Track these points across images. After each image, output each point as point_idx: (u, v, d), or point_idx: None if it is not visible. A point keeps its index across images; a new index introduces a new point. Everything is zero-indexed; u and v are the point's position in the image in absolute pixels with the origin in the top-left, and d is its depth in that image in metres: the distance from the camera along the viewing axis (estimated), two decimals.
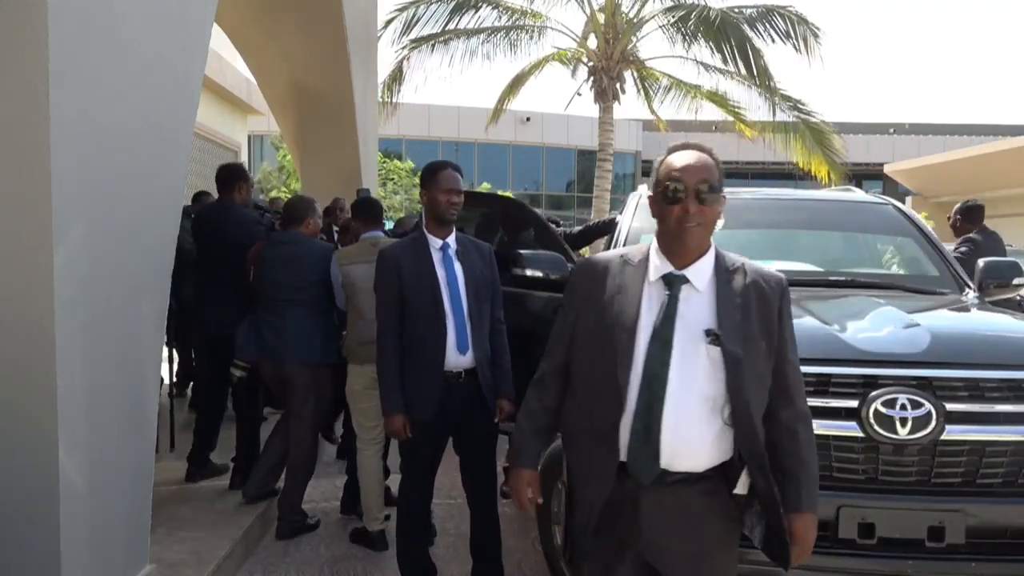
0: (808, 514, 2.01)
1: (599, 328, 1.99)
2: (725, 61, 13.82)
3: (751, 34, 13.90)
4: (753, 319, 1.94)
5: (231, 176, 4.90)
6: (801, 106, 14.85)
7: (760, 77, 13.60)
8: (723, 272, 1.97)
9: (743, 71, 13.77)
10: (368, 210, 4.45)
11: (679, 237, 1.94)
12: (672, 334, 1.91)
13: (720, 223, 2.00)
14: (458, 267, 3.35)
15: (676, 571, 1.99)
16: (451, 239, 3.39)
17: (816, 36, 13.94)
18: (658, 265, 1.98)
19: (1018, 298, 7.23)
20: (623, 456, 1.94)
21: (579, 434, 2.06)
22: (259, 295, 4.38)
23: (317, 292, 4.32)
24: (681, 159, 1.97)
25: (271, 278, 4.30)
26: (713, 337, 1.90)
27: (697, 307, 1.94)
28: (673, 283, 1.95)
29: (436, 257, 3.35)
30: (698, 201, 1.91)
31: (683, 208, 1.92)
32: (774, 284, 2.00)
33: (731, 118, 15.59)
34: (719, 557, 2.05)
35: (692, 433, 1.92)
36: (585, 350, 2.04)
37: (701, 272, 1.96)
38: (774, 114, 14.91)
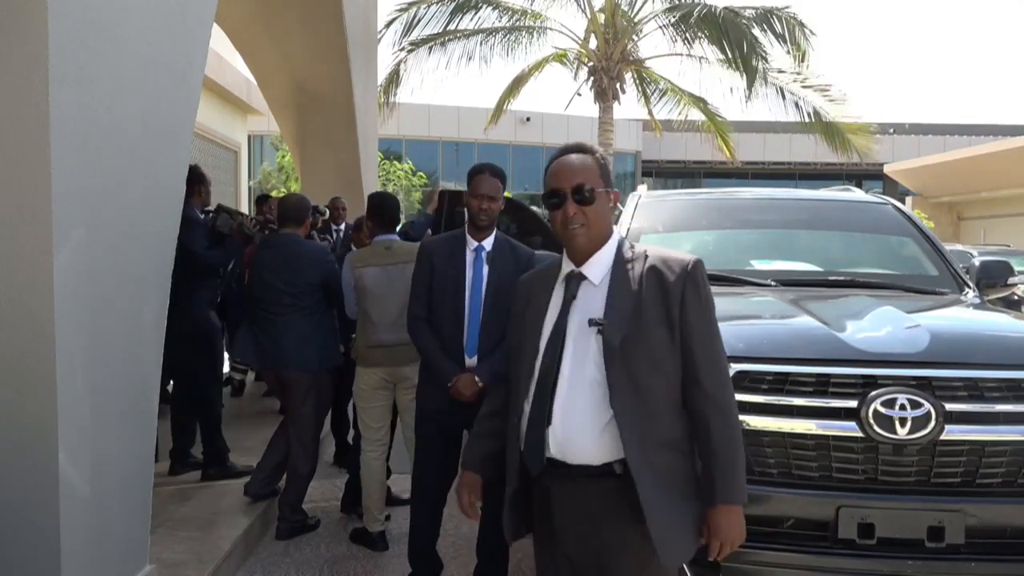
0: (721, 507, 1.96)
1: (519, 332, 2.15)
2: (728, 61, 13.83)
3: (756, 32, 13.94)
4: (649, 305, 1.96)
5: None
6: (820, 87, 14.82)
7: (750, 79, 13.60)
8: (622, 263, 2.03)
9: (741, 68, 13.77)
10: (381, 212, 4.23)
11: (566, 240, 2.06)
12: (566, 328, 2.02)
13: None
14: (485, 271, 3.36)
15: (584, 567, 2.05)
16: (487, 242, 3.40)
17: (808, 40, 14.04)
18: (565, 267, 2.10)
19: (1015, 297, 7.24)
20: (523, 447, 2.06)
21: (509, 431, 2.17)
22: (254, 299, 4.35)
23: (314, 295, 4.28)
24: (558, 166, 2.09)
25: (265, 281, 4.25)
26: (597, 326, 1.97)
27: (592, 300, 2.02)
28: (570, 282, 2.06)
29: (469, 258, 3.39)
30: (576, 203, 2.03)
31: (564, 213, 2.03)
32: (678, 269, 1.99)
33: (717, 126, 15.63)
34: (619, 562, 2.00)
35: (577, 422, 1.98)
36: (515, 355, 2.17)
37: (598, 267, 2.04)
38: (783, 99, 14.92)
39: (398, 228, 4.94)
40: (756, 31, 14.02)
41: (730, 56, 13.73)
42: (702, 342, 1.97)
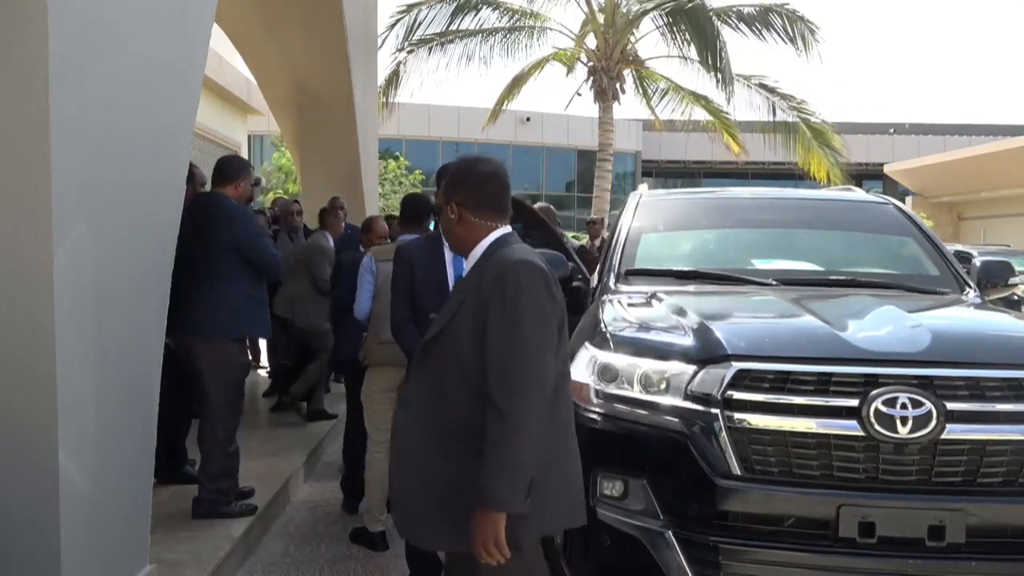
0: (477, 511, 1.98)
1: None
2: (703, 58, 13.76)
3: (745, 29, 13.91)
4: (469, 304, 2.08)
5: None
6: (799, 105, 14.89)
7: (723, 73, 13.51)
8: (479, 262, 2.18)
9: (710, 65, 13.67)
10: (408, 211, 4.20)
11: None
12: None
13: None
14: (464, 266, 3.38)
15: None
16: None
17: (813, 33, 13.99)
18: None
19: (1015, 297, 7.23)
20: None
21: None
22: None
23: (228, 258, 3.99)
24: None
25: (187, 245, 3.85)
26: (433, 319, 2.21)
27: None
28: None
29: (448, 256, 3.41)
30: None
31: None
32: (493, 275, 2.06)
33: (723, 122, 15.63)
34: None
35: None
36: None
37: (469, 264, 2.25)
38: (774, 113, 14.94)
39: None
40: (744, 27, 14.01)
41: (703, 50, 13.62)
42: (495, 345, 2.00)
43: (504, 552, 1.98)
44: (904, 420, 2.54)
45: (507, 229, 2.23)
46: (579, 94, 16.24)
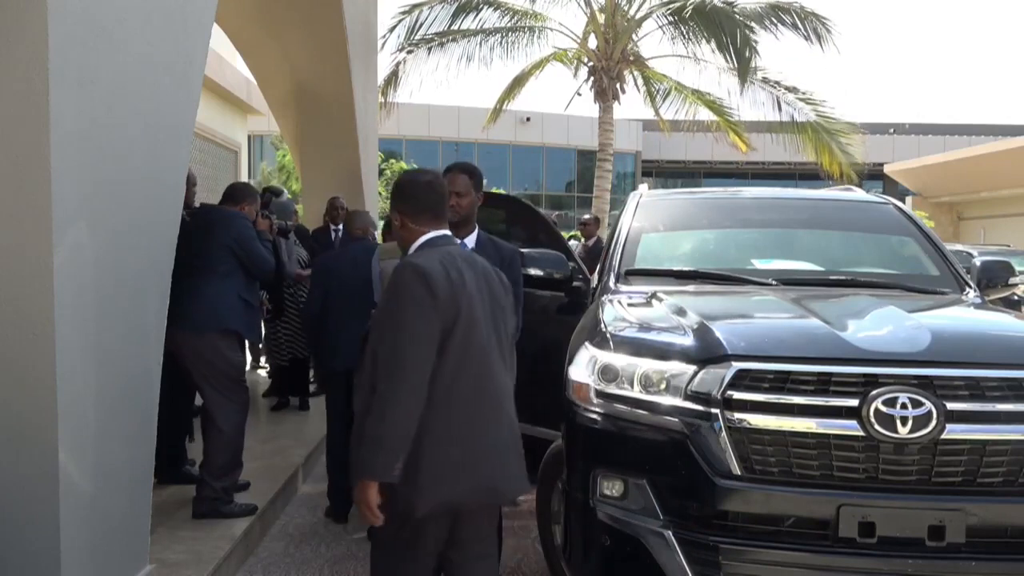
0: (358, 481, 2.26)
1: None
2: (725, 56, 13.70)
3: (755, 26, 13.85)
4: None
5: None
6: (806, 98, 14.82)
7: (743, 73, 13.47)
8: None
9: (734, 64, 13.62)
10: None
11: None
12: None
13: None
14: None
15: None
16: (469, 239, 3.38)
17: (828, 29, 13.93)
18: None
19: (1015, 297, 7.24)
20: None
21: None
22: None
23: (219, 258, 4.08)
24: None
25: (184, 247, 3.86)
26: None
27: None
28: None
29: None
30: None
31: None
32: (391, 274, 2.36)
33: (726, 122, 15.60)
34: None
35: None
36: None
37: None
38: (779, 110, 14.89)
39: None
40: (754, 25, 13.95)
41: (722, 45, 13.54)
42: (378, 334, 2.30)
43: (376, 514, 2.22)
44: (904, 420, 2.53)
45: (437, 233, 2.50)
46: (579, 94, 16.23)
